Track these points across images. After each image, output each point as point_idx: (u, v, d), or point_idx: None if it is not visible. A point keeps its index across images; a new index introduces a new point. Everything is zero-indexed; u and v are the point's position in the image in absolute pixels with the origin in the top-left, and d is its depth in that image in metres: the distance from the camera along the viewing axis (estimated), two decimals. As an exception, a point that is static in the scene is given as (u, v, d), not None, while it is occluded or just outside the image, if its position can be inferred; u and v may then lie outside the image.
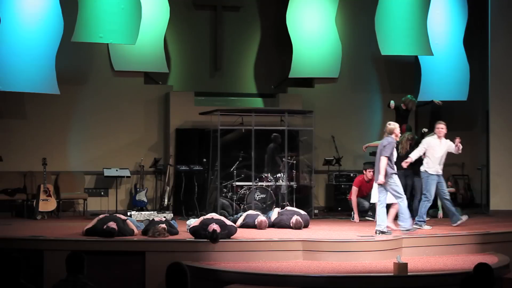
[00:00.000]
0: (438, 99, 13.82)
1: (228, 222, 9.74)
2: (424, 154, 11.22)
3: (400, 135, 10.80)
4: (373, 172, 12.22)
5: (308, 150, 13.63)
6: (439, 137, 11.36)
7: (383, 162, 10.20)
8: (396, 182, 10.26)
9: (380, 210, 10.16)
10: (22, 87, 12.51)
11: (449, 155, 15.48)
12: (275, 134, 13.14)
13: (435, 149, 11.22)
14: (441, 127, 11.34)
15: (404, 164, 11.14)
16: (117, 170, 13.18)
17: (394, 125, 10.56)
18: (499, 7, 14.10)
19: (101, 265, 8.76)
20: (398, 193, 10.24)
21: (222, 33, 14.68)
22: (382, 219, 10.10)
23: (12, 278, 5.47)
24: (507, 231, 10.64)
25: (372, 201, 11.43)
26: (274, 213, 11.15)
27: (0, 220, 11.91)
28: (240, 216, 11.12)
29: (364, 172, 12.36)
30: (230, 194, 12.74)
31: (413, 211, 12.37)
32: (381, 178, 10.14)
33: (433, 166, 11.16)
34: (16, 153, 13.13)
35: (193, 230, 9.44)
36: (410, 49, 14.34)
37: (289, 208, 11.41)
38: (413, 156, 11.29)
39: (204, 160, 12.96)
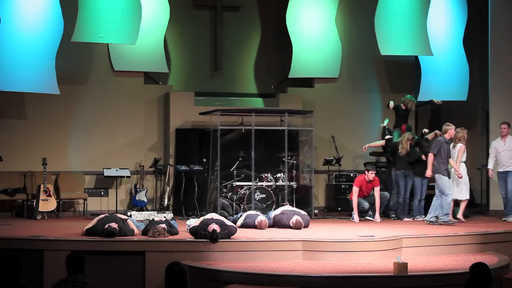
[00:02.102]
0: (438, 99, 13.83)
1: (228, 223, 9.74)
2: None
3: (453, 135, 11.69)
4: (375, 173, 12.28)
5: (308, 150, 13.63)
6: (502, 137, 12.26)
7: (428, 157, 11.60)
8: (443, 180, 11.51)
9: (445, 202, 11.46)
10: (22, 87, 12.51)
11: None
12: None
13: (499, 150, 12.29)
14: (503, 127, 12.29)
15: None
16: (117, 170, 13.18)
17: (447, 126, 11.72)
18: (499, 7, 14.09)
19: (101, 265, 8.77)
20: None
21: (222, 33, 14.68)
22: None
23: (12, 278, 5.47)
24: (507, 231, 10.65)
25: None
26: (276, 211, 11.18)
27: (0, 220, 11.93)
28: (240, 216, 11.12)
29: (366, 173, 12.31)
30: (230, 194, 12.73)
31: (413, 210, 12.48)
32: (428, 172, 11.63)
33: (499, 165, 12.31)
34: (16, 153, 13.13)
35: (193, 230, 9.44)
36: (410, 49, 14.34)
37: (289, 208, 11.40)
38: (490, 165, 12.34)
39: (204, 160, 12.96)
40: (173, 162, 13.45)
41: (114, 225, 9.45)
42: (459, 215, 11.92)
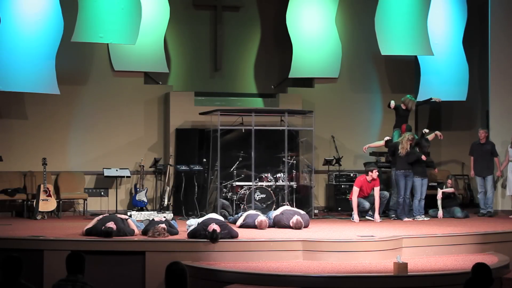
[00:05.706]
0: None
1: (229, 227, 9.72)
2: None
3: None
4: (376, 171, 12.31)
5: (308, 150, 13.63)
6: None
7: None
8: None
9: None
10: (22, 87, 12.51)
11: (448, 155, 15.50)
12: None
13: None
14: None
15: None
16: (117, 170, 13.18)
17: None
18: (499, 7, 14.09)
19: (101, 265, 8.77)
20: None
21: (222, 33, 14.68)
22: None
23: (12, 278, 5.47)
24: (507, 231, 10.65)
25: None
26: (277, 211, 11.17)
27: (0, 220, 11.93)
28: (240, 216, 11.12)
29: (369, 173, 12.27)
30: (230, 194, 12.74)
31: (413, 210, 12.48)
32: None
33: None
34: (16, 153, 13.13)
35: (193, 232, 9.42)
36: (410, 49, 14.33)
37: (289, 208, 11.40)
38: None
39: (204, 160, 12.96)
40: (173, 162, 13.45)
41: (111, 224, 9.45)
42: None
